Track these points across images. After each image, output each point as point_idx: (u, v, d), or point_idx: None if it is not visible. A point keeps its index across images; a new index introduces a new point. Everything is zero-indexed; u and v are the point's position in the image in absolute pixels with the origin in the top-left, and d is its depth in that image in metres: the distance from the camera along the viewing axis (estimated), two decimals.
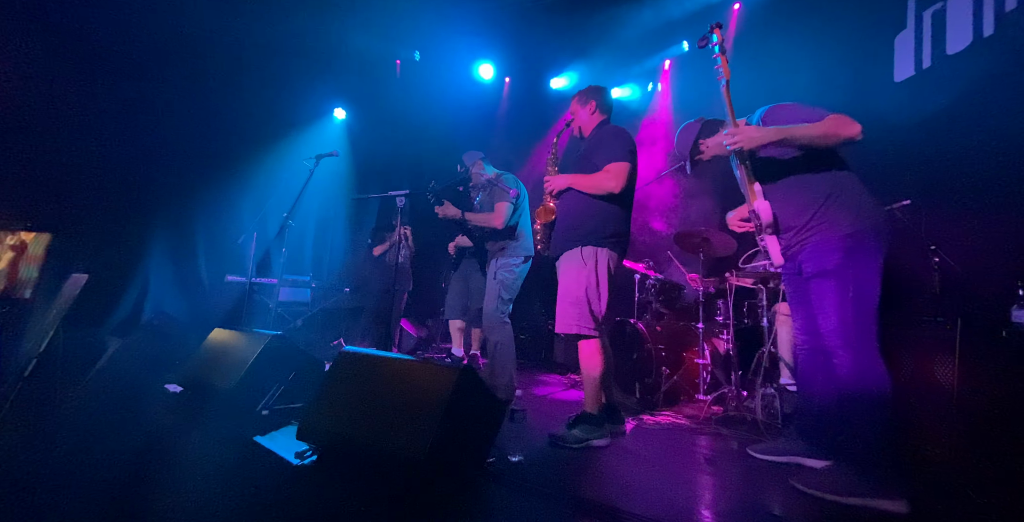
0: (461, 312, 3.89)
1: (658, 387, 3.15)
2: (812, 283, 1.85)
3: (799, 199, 1.86)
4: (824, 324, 1.79)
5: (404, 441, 1.48)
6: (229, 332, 2.74)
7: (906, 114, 3.16)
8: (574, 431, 2.16)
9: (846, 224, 1.76)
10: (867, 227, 1.74)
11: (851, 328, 1.71)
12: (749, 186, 1.92)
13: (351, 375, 1.83)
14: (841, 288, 1.73)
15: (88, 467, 1.59)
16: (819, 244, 1.81)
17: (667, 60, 5.49)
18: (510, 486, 1.63)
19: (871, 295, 1.71)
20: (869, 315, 1.70)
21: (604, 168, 2.26)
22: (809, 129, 1.74)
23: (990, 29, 2.81)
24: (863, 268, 1.72)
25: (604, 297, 2.25)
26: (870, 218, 1.76)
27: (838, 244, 1.76)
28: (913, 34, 3.24)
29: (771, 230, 1.88)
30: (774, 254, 1.90)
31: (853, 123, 1.71)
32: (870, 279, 1.72)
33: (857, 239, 1.74)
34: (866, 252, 1.73)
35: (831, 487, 1.62)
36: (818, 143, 1.75)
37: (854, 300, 1.71)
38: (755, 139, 1.81)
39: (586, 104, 2.47)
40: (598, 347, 2.23)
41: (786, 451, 2.01)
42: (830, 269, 1.77)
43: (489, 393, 1.76)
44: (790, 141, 1.78)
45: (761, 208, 1.89)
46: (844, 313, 1.72)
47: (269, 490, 1.50)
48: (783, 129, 1.78)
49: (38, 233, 2.92)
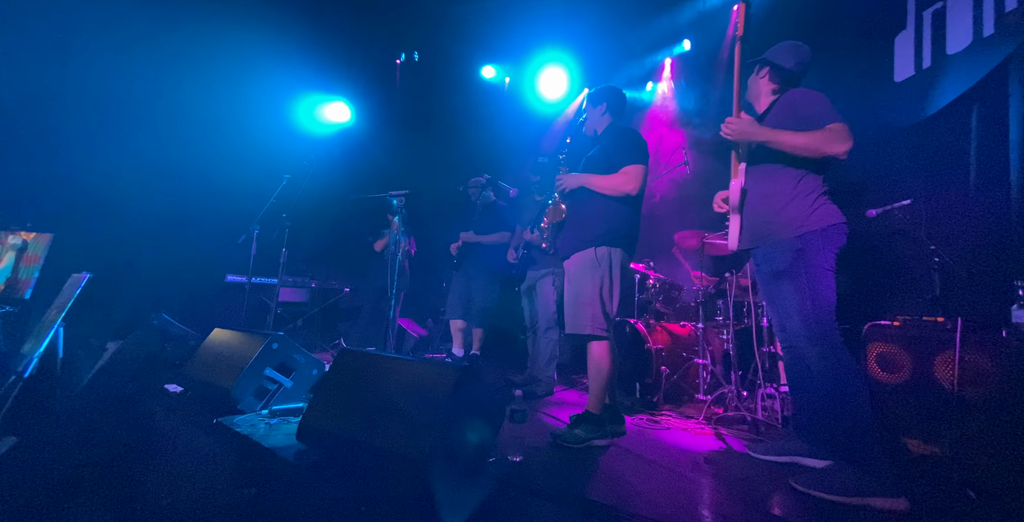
0: (462, 312, 3.90)
1: (658, 387, 3.14)
2: (771, 283, 1.92)
3: (769, 191, 1.91)
4: (788, 325, 1.87)
5: (404, 441, 1.48)
6: (229, 332, 2.74)
7: (906, 114, 3.16)
8: (576, 431, 2.16)
9: (796, 225, 1.83)
10: (816, 229, 1.80)
11: (813, 326, 1.77)
12: (735, 163, 1.97)
13: (351, 375, 1.84)
14: (797, 288, 1.80)
15: (88, 467, 1.59)
16: (773, 245, 1.88)
17: (668, 59, 5.48)
18: (510, 486, 1.63)
19: (827, 293, 1.78)
20: (828, 312, 1.77)
21: (621, 170, 2.26)
22: (796, 138, 1.78)
23: (990, 29, 2.81)
24: (815, 268, 1.79)
25: (616, 298, 2.26)
26: (820, 221, 1.81)
27: (789, 245, 1.83)
28: (913, 34, 3.24)
29: (737, 211, 1.94)
30: (732, 237, 1.97)
31: (844, 141, 1.73)
32: (824, 277, 1.78)
33: (806, 240, 1.80)
34: (816, 252, 1.79)
35: (831, 487, 1.62)
36: (800, 154, 1.80)
37: (811, 299, 1.77)
38: (745, 135, 1.87)
39: (598, 104, 2.47)
40: (608, 349, 2.23)
41: (786, 451, 2.02)
42: (783, 269, 1.84)
43: (489, 393, 1.76)
44: (776, 145, 1.82)
45: (734, 186, 1.96)
46: (804, 312, 1.79)
47: (269, 490, 1.50)
48: (772, 133, 1.83)
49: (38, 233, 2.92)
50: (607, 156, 2.34)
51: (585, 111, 2.52)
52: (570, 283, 2.33)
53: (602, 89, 2.50)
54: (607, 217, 2.29)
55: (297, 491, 1.49)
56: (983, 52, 2.83)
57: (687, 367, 3.30)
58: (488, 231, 3.87)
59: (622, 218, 2.30)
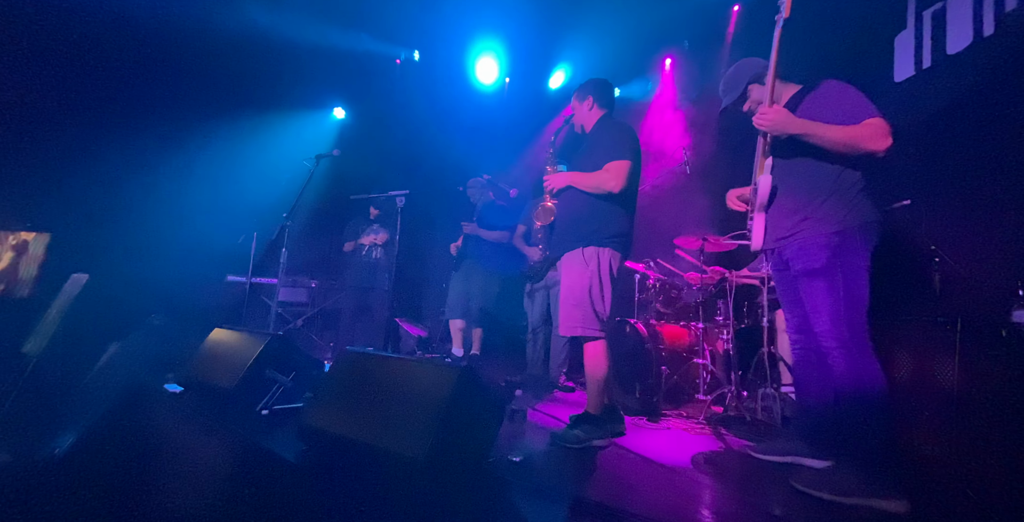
0: (462, 312, 3.90)
1: (658, 387, 3.14)
2: (801, 282, 1.84)
3: (804, 186, 1.83)
4: (817, 325, 1.78)
5: (404, 441, 1.48)
6: (229, 332, 2.73)
7: (906, 114, 3.15)
8: (576, 431, 2.15)
9: (835, 221, 1.75)
10: (854, 225, 1.73)
11: (843, 328, 1.69)
12: (761, 159, 1.89)
13: (351, 375, 1.84)
14: (831, 288, 1.72)
15: (88, 467, 1.59)
16: (807, 240, 1.80)
17: (668, 58, 5.48)
18: (510, 486, 1.63)
19: (861, 294, 1.70)
20: (860, 314, 1.69)
21: (604, 167, 2.21)
22: (835, 132, 1.70)
23: (990, 29, 2.80)
24: (851, 266, 1.71)
25: (608, 298, 2.22)
26: (859, 217, 1.74)
27: (825, 242, 1.75)
28: (913, 34, 3.23)
29: (763, 209, 1.87)
30: (756, 236, 1.90)
31: (885, 137, 1.66)
32: (859, 277, 1.71)
33: (844, 236, 1.73)
34: (853, 250, 1.72)
35: (831, 487, 1.62)
36: (838, 149, 1.72)
37: (845, 299, 1.69)
38: (781, 126, 1.77)
39: (584, 99, 2.41)
40: (603, 349, 2.21)
41: (786, 451, 2.01)
42: (818, 268, 1.75)
43: (489, 393, 1.76)
44: (812, 139, 1.74)
45: (763, 183, 1.86)
46: (836, 313, 1.71)
47: (269, 490, 1.50)
48: (810, 126, 1.73)
49: (38, 233, 2.92)
50: (592, 152, 2.31)
51: (572, 108, 2.46)
52: (562, 284, 2.32)
53: (586, 83, 2.44)
54: (594, 216, 2.24)
55: (297, 491, 1.49)
56: (983, 52, 2.83)
57: (687, 367, 3.30)
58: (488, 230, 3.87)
59: (610, 216, 2.24)
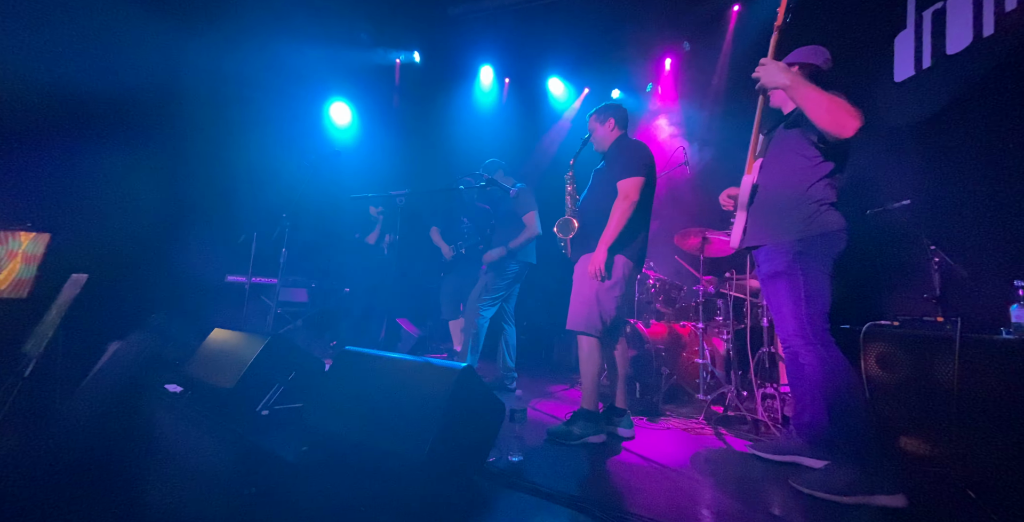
0: (457, 312, 3.90)
1: (658, 387, 3.14)
2: (767, 285, 1.95)
3: (781, 190, 1.91)
4: (782, 328, 1.89)
5: (404, 441, 1.48)
6: (229, 332, 2.73)
7: (906, 114, 3.16)
8: (571, 428, 2.20)
9: (797, 229, 1.85)
10: (815, 234, 1.83)
11: (806, 326, 1.80)
12: (751, 159, 1.98)
13: (351, 375, 1.84)
14: (793, 289, 1.83)
15: (88, 467, 1.59)
16: (774, 246, 1.91)
17: (668, 60, 5.49)
18: (510, 486, 1.63)
19: (822, 295, 1.81)
20: (821, 314, 1.81)
21: (619, 189, 2.33)
22: (819, 95, 1.68)
23: (990, 29, 2.80)
24: (812, 270, 1.82)
25: (612, 302, 2.32)
26: (819, 228, 1.83)
27: (788, 248, 1.85)
28: (913, 34, 3.23)
29: (744, 208, 1.98)
30: (735, 234, 2.01)
31: (854, 116, 1.63)
32: (819, 282, 1.81)
33: (806, 244, 1.83)
34: (813, 256, 1.82)
35: (830, 487, 1.63)
36: (814, 115, 1.69)
37: (806, 300, 1.81)
38: (774, 79, 1.77)
39: (605, 121, 2.57)
40: (596, 346, 2.30)
41: (786, 450, 2.02)
42: (780, 270, 1.87)
43: (489, 393, 1.76)
44: (795, 95, 1.73)
45: (745, 182, 1.98)
46: (798, 314, 1.82)
47: (269, 490, 1.50)
48: (800, 80, 1.73)
49: (38, 233, 2.92)
50: (611, 168, 2.46)
51: (590, 129, 2.61)
52: (574, 283, 2.45)
53: (606, 107, 2.60)
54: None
55: (297, 491, 1.49)
56: (983, 52, 2.83)
57: (687, 367, 3.30)
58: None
59: (626, 226, 2.34)
